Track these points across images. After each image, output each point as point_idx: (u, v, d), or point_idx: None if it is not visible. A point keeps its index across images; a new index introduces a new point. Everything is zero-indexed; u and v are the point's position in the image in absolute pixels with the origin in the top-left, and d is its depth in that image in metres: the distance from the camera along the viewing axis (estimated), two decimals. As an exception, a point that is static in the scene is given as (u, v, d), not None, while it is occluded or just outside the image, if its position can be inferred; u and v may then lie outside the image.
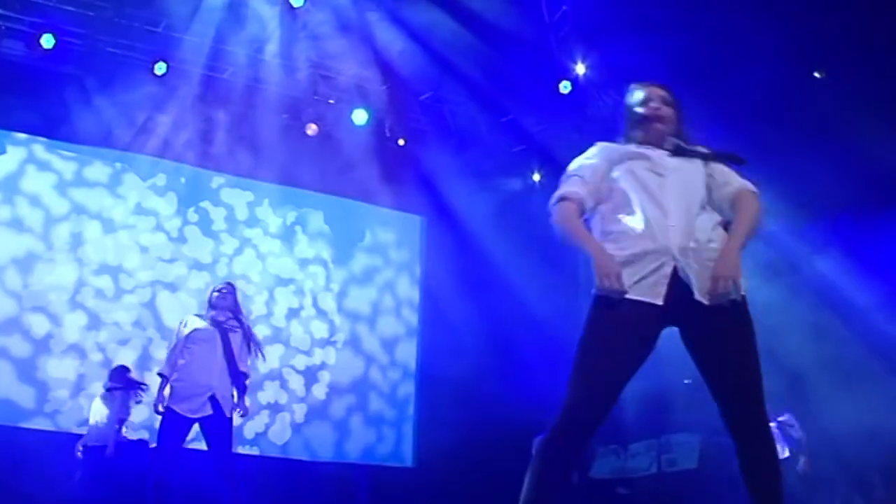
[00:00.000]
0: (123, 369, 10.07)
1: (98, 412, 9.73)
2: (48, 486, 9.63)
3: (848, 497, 9.83)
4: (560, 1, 11.20)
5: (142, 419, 10.37)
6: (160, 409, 7.61)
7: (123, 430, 9.80)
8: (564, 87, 11.96)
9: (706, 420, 10.48)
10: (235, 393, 7.68)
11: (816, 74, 10.35)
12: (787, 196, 9.73)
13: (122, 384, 9.87)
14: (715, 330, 3.65)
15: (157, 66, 11.31)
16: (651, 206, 3.77)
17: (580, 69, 11.82)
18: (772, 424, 3.75)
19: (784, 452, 9.51)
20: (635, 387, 3.81)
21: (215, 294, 7.96)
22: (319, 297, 12.96)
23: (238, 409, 7.71)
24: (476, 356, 12.54)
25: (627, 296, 3.62)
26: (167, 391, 7.62)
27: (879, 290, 10.20)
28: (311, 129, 12.49)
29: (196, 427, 7.58)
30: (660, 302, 3.64)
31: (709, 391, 3.74)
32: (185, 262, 12.12)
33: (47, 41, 10.77)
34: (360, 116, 12.51)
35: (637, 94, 4.11)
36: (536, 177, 13.77)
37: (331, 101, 12.58)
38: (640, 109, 4.05)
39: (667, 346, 3.81)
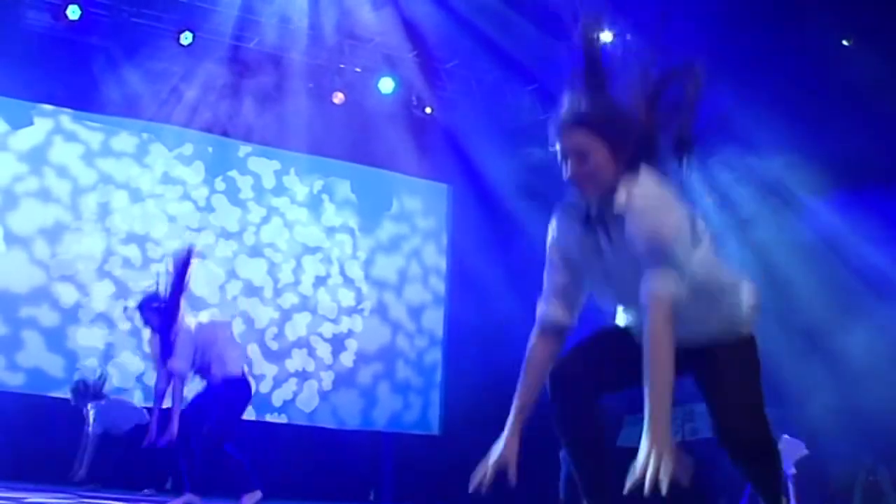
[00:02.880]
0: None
1: None
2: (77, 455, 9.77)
3: (873, 467, 9.78)
4: (587, -34, 11.08)
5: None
6: None
7: None
8: (591, 54, 11.83)
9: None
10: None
11: (845, 42, 10.20)
12: (823, 167, 9.63)
13: None
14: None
15: (182, 36, 11.32)
16: None
17: (607, 36, 11.70)
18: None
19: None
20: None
21: None
22: (346, 266, 12.98)
23: None
24: (503, 323, 12.52)
25: None
26: None
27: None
28: (338, 97, 12.47)
29: None
30: None
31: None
32: (213, 230, 12.17)
33: (73, 12, 10.80)
34: (386, 85, 12.49)
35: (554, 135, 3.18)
36: (564, 144, 13.70)
37: (357, 70, 12.56)
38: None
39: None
